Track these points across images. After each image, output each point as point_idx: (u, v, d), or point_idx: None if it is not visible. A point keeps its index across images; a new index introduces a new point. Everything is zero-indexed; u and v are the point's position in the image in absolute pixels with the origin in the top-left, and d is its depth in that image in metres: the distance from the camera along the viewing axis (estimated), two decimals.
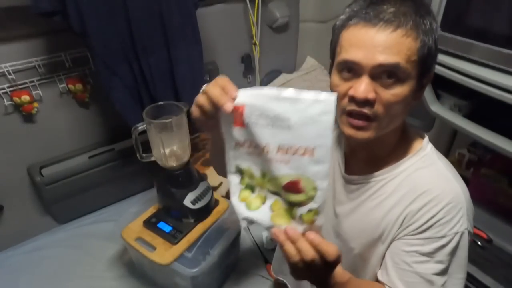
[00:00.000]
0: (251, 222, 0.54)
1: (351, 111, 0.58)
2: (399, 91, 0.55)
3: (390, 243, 0.65)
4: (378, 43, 0.53)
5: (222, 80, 0.50)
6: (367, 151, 0.68)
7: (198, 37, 1.38)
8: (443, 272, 0.61)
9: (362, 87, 0.54)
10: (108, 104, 1.33)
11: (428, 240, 0.60)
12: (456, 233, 0.59)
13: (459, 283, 0.62)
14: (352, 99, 0.56)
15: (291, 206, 0.52)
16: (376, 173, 0.67)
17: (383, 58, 0.53)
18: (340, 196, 0.74)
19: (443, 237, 0.59)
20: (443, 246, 0.59)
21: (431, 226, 0.60)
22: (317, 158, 0.48)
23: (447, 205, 0.59)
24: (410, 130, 0.69)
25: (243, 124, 0.50)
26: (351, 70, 0.57)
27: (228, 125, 0.51)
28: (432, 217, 0.60)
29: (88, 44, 1.20)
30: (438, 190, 0.60)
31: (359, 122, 0.58)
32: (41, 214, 1.55)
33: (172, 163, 1.11)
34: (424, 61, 0.56)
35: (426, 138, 0.68)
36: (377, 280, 0.67)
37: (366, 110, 0.56)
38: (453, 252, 0.60)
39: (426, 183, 0.62)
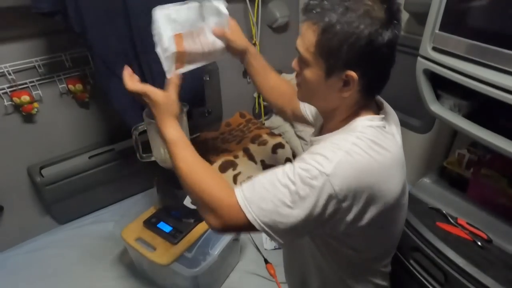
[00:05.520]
0: None
1: None
2: (305, 73, 0.67)
3: None
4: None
5: None
6: (324, 121, 0.77)
7: None
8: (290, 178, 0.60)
9: (293, 61, 0.71)
10: (108, 104, 1.33)
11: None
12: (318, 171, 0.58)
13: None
14: None
15: None
16: (316, 137, 0.75)
17: (297, 42, 0.67)
18: None
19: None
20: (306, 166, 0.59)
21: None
22: None
23: (319, 154, 0.61)
24: (365, 117, 0.68)
25: None
26: None
27: None
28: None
29: (88, 44, 1.20)
30: (320, 150, 0.62)
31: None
32: (41, 214, 1.55)
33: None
34: (326, 57, 0.61)
35: (369, 122, 0.66)
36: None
37: (297, 78, 0.72)
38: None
39: (320, 146, 0.64)
